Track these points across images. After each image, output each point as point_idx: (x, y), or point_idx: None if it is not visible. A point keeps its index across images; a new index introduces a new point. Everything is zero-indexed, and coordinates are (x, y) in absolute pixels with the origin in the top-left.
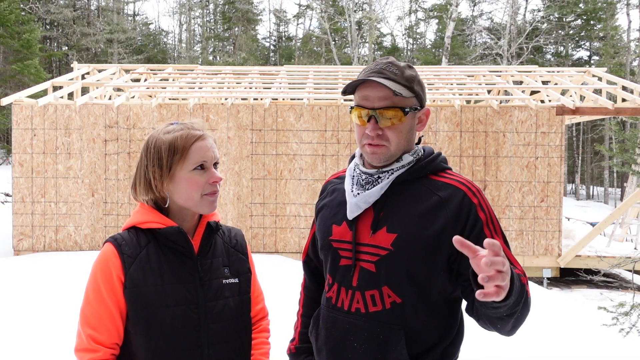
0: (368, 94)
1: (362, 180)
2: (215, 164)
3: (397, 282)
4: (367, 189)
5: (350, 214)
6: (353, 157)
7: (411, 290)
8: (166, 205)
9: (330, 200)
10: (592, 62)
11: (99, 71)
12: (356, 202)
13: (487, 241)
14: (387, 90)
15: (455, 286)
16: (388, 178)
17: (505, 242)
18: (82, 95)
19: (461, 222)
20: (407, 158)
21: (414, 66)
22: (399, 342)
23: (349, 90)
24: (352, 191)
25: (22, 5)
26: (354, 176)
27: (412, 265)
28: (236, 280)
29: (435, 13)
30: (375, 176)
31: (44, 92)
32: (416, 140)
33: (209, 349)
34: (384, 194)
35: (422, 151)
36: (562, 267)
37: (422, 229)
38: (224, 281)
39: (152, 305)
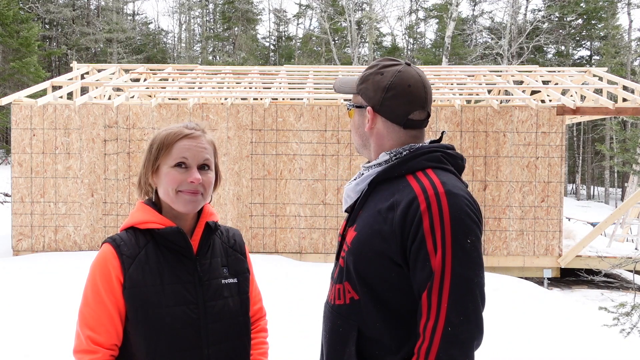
0: None
1: (358, 177)
2: (205, 166)
3: (353, 280)
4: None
5: (343, 207)
6: None
7: (363, 290)
8: (149, 197)
9: None
10: (593, 61)
11: (99, 71)
12: (344, 195)
13: None
14: None
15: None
16: (364, 175)
17: (455, 256)
18: (81, 95)
19: (405, 228)
20: (383, 157)
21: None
22: (352, 337)
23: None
24: (346, 185)
25: (21, 4)
26: (359, 172)
27: (360, 265)
28: (235, 280)
29: (436, 13)
30: (361, 172)
31: (43, 92)
32: (436, 138)
33: (208, 348)
34: (366, 192)
35: (408, 149)
36: (562, 267)
37: (372, 230)
38: (222, 281)
39: (151, 306)
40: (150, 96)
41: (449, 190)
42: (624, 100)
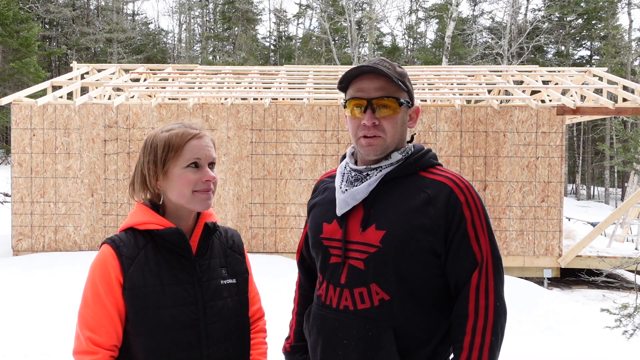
0: (364, 85)
1: (351, 178)
2: (211, 164)
3: (386, 279)
4: (355, 186)
5: (339, 210)
6: (344, 156)
7: (399, 287)
8: (160, 202)
9: (322, 199)
10: (593, 61)
11: (99, 71)
12: (344, 198)
13: None
14: (383, 81)
15: (446, 282)
16: (376, 175)
17: (491, 241)
18: (81, 95)
19: (448, 219)
20: (396, 156)
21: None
22: (388, 339)
23: (346, 80)
24: (340, 187)
25: (21, 4)
26: (344, 174)
27: (400, 262)
28: (234, 281)
29: (436, 13)
30: (364, 173)
31: (43, 92)
32: (408, 139)
33: (208, 349)
34: (374, 192)
35: (412, 149)
36: (562, 267)
37: (410, 225)
38: (221, 282)
39: (151, 307)
40: (150, 96)
41: (470, 184)
42: (624, 100)
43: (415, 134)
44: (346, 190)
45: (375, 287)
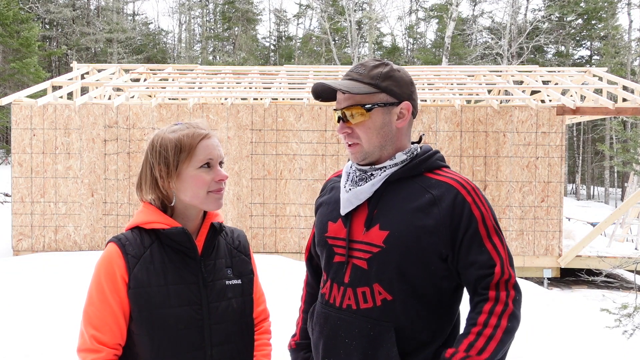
0: (338, 97)
1: (356, 177)
2: (221, 163)
3: (388, 280)
4: (360, 185)
5: (343, 209)
6: None
7: (402, 288)
8: (172, 204)
9: (328, 198)
10: (592, 61)
11: (99, 71)
12: (348, 197)
13: None
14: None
15: (450, 285)
16: (380, 175)
17: (501, 241)
18: (81, 95)
19: (455, 220)
20: (401, 156)
21: (401, 65)
22: (389, 339)
23: (315, 96)
24: (344, 187)
25: (21, 4)
26: (349, 173)
27: (404, 263)
28: (239, 282)
29: (436, 13)
30: (369, 173)
31: (43, 92)
32: (417, 139)
33: (212, 349)
34: (378, 192)
35: (418, 149)
36: (562, 267)
37: (414, 226)
38: (227, 282)
39: (155, 306)
40: (150, 96)
41: (477, 185)
42: (624, 100)
43: (423, 134)
44: (350, 189)
45: (378, 287)
